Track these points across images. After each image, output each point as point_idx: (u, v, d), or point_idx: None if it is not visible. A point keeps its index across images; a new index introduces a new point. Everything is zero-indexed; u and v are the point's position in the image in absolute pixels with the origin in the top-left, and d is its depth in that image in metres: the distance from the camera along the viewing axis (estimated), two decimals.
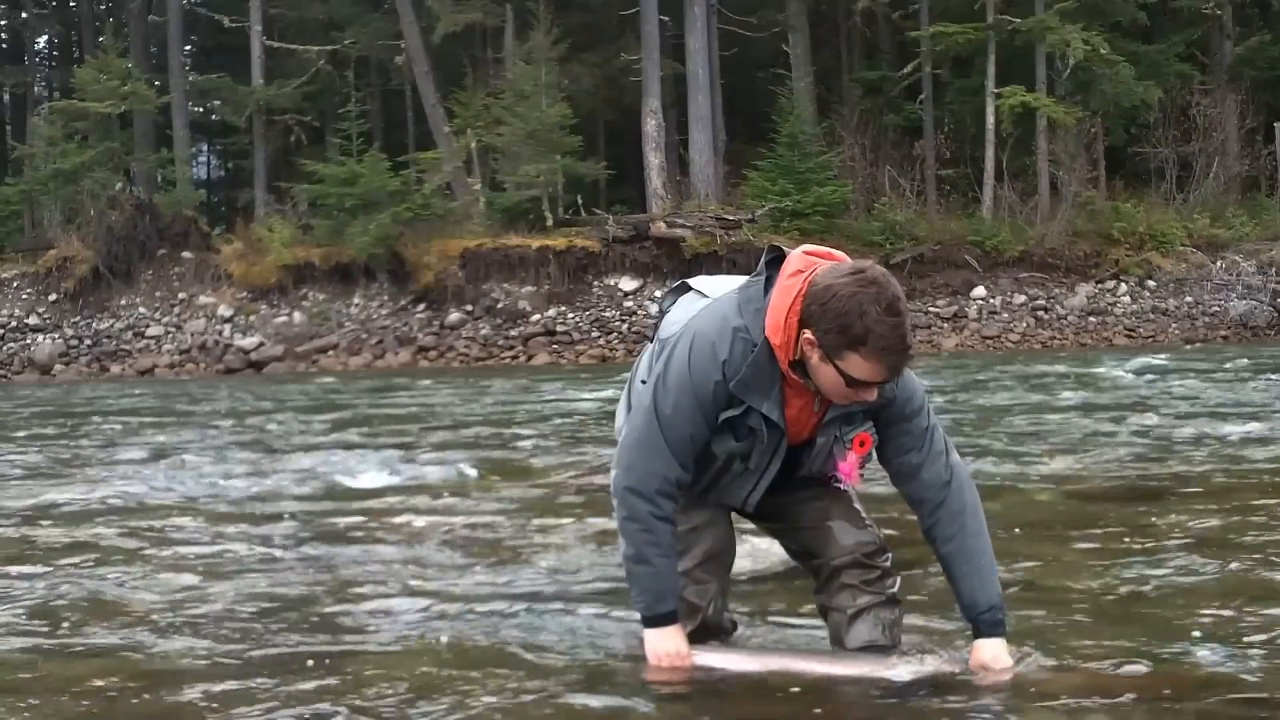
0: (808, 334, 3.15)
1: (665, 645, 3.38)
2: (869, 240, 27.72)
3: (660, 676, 3.39)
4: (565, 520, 6.03)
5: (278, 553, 5.51)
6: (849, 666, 3.40)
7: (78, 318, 28.27)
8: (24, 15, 42.05)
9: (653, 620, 3.39)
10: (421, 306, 27.77)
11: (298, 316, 27.90)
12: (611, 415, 4.38)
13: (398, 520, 6.28)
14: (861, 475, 3.45)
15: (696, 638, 3.50)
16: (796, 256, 3.27)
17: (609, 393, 13.63)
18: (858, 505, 3.59)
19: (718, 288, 3.50)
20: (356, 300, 28.17)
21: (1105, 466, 7.59)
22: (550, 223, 28.70)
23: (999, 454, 8.25)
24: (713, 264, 24.94)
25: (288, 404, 15.93)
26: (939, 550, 3.41)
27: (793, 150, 28.69)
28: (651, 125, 30.21)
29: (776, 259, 3.29)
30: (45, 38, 45.17)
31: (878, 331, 3.06)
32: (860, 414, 3.35)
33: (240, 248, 29.16)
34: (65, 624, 4.27)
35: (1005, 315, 27.52)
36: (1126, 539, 5.29)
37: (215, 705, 3.34)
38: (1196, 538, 5.26)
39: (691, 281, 3.62)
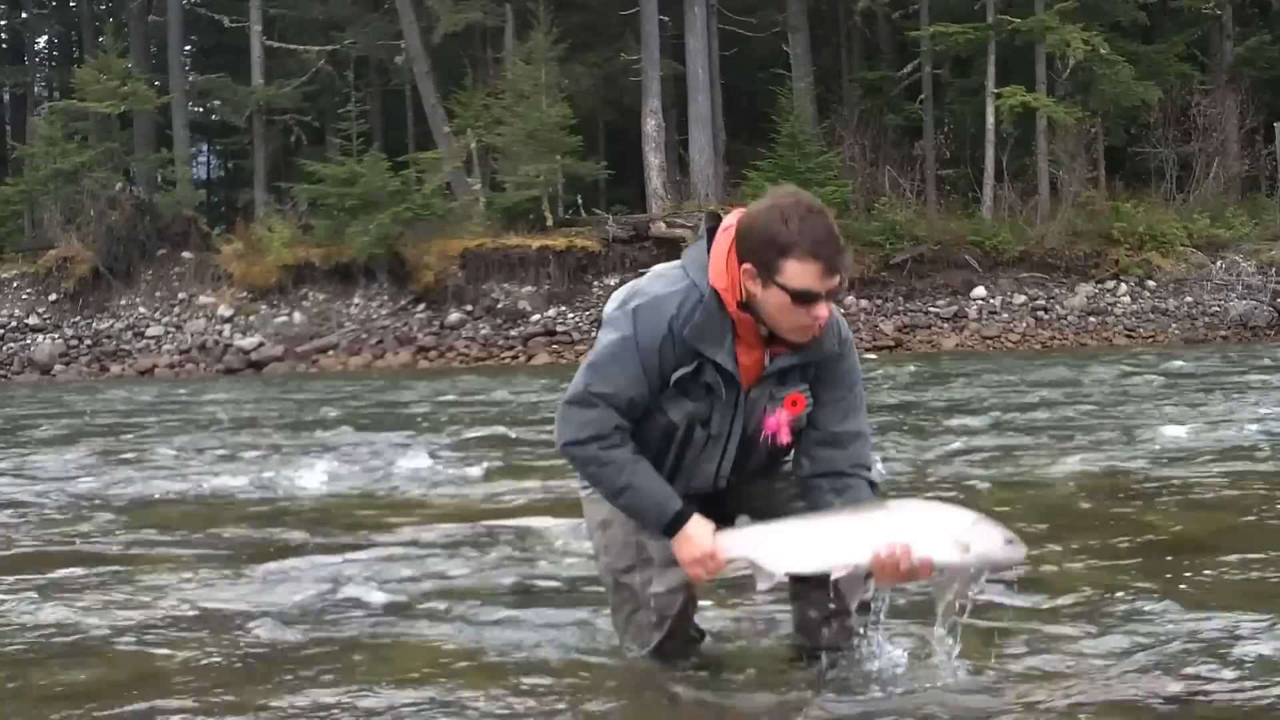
0: (746, 266, 3.18)
1: (692, 551, 3.25)
2: (869, 240, 27.71)
3: (702, 581, 3.32)
4: (558, 521, 6.03)
5: (262, 556, 5.50)
6: (874, 519, 3.18)
7: (78, 318, 28.26)
8: (24, 15, 42.08)
9: (669, 529, 3.27)
10: (421, 306, 27.77)
11: (298, 316, 27.90)
12: None
13: (389, 521, 6.28)
14: (793, 435, 3.39)
15: (665, 646, 3.48)
16: (732, 215, 3.31)
17: None
18: None
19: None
20: (356, 300, 28.17)
21: (1105, 466, 7.58)
22: (550, 223, 28.70)
23: (1002, 450, 8.25)
24: None
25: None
26: (821, 497, 3.34)
27: (793, 150, 28.68)
28: (651, 125, 30.21)
29: (714, 226, 3.33)
30: (45, 38, 45.20)
31: (803, 230, 3.11)
32: (798, 373, 3.33)
33: (240, 248, 29.16)
34: (57, 626, 4.27)
35: (1005, 315, 27.49)
36: (1125, 539, 5.29)
37: (208, 709, 3.34)
38: (1192, 538, 5.26)
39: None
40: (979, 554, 3.04)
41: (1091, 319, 27.49)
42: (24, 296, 28.78)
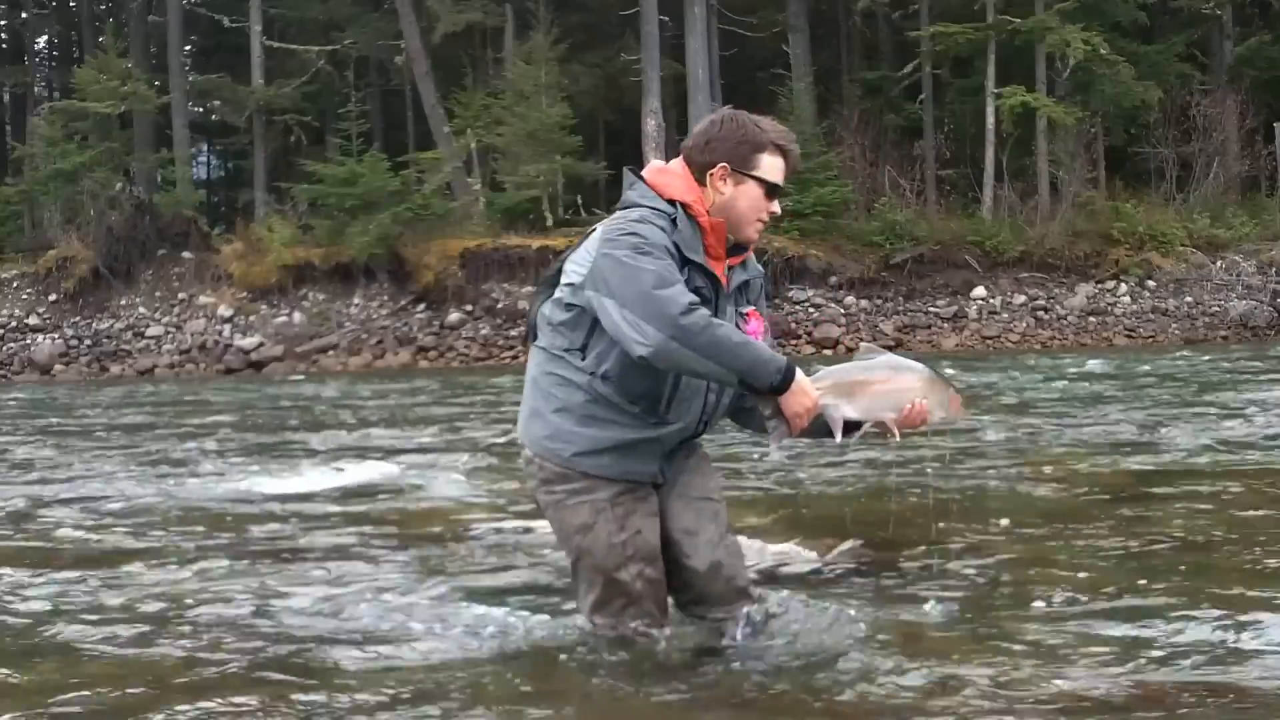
0: (716, 170, 3.50)
1: (804, 401, 3.36)
2: (869, 240, 27.70)
3: (800, 430, 3.40)
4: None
5: (263, 558, 5.50)
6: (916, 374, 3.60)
7: (78, 318, 28.26)
8: (24, 15, 42.09)
9: (788, 377, 3.31)
10: (421, 306, 27.77)
11: (298, 316, 27.89)
12: None
13: (386, 523, 6.28)
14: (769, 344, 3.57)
15: (644, 633, 3.54)
16: (655, 162, 3.66)
17: None
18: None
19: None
20: (356, 300, 28.16)
21: (1097, 463, 7.58)
22: (550, 223, 28.69)
23: (998, 448, 8.25)
24: None
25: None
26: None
27: None
28: (651, 125, 30.19)
29: (636, 174, 3.58)
30: (45, 38, 45.20)
31: (773, 131, 3.59)
32: (744, 291, 3.63)
33: (240, 248, 29.14)
34: (61, 626, 4.27)
35: (1005, 315, 27.50)
36: (1120, 536, 5.28)
37: (204, 710, 3.34)
38: (1187, 535, 5.26)
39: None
40: (955, 414, 3.69)
41: (1091, 319, 27.49)
42: (24, 296, 28.77)
